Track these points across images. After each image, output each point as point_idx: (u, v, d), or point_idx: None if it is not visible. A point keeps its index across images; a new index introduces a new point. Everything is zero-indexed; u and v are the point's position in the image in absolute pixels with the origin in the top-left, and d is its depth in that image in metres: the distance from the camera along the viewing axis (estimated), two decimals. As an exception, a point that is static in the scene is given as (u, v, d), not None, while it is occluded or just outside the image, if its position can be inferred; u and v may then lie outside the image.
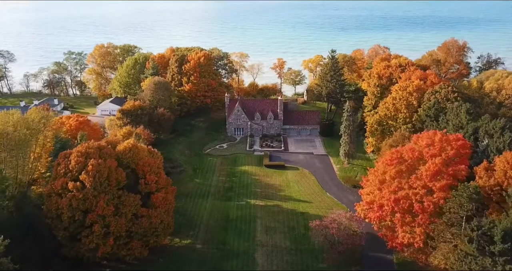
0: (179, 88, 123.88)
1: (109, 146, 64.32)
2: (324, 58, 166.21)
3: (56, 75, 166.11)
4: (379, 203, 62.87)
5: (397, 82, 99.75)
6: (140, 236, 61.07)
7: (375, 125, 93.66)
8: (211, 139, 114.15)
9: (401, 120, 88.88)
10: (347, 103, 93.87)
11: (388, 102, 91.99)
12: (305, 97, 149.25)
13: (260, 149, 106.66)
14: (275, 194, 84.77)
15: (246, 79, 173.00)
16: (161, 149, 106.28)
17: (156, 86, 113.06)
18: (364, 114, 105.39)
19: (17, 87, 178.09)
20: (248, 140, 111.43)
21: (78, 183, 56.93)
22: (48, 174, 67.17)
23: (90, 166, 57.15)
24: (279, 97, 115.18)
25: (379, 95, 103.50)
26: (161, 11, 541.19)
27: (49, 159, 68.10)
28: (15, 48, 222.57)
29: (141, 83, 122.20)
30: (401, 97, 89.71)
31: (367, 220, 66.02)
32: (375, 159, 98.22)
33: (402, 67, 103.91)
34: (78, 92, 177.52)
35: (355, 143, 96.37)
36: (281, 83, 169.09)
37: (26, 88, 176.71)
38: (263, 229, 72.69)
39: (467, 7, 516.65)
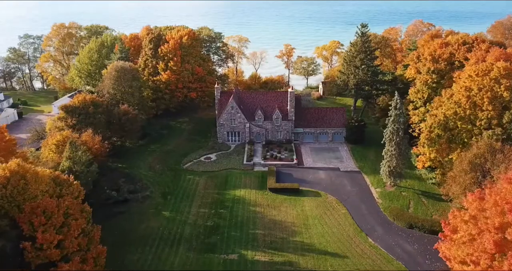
0: (155, 78, 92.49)
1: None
2: (342, 45, 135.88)
3: (11, 64, 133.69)
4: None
5: (462, 67, 68.17)
6: None
7: (436, 130, 61.83)
8: (195, 147, 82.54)
9: (483, 123, 57.23)
10: (395, 96, 61.93)
11: (458, 94, 60.25)
12: (321, 91, 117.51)
13: (262, 162, 74.97)
14: (286, 240, 53.22)
15: (247, 70, 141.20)
16: (122, 162, 75.06)
17: (118, 75, 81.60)
18: (410, 113, 73.98)
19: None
20: (246, 149, 79.93)
21: None
22: None
23: None
24: (289, 90, 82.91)
25: (434, 85, 72.07)
26: (164, 8, 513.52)
27: None
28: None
29: (103, 71, 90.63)
30: (480, 86, 57.87)
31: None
32: (432, 179, 66.77)
33: (468, 45, 72.12)
34: (44, 86, 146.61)
35: (405, 156, 64.76)
36: (289, 74, 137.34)
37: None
38: (267, 315, 41.57)
39: (471, 3, 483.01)
